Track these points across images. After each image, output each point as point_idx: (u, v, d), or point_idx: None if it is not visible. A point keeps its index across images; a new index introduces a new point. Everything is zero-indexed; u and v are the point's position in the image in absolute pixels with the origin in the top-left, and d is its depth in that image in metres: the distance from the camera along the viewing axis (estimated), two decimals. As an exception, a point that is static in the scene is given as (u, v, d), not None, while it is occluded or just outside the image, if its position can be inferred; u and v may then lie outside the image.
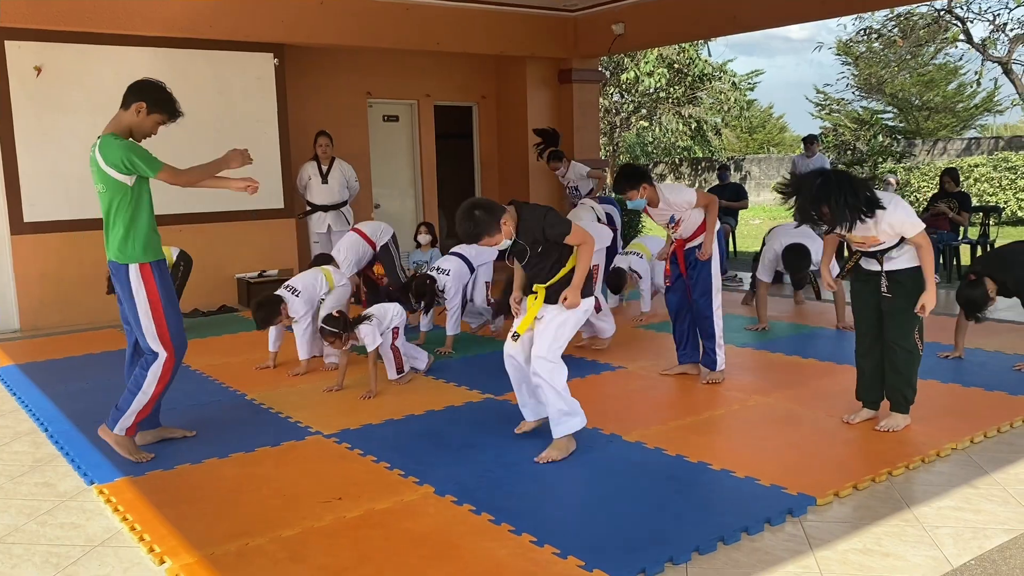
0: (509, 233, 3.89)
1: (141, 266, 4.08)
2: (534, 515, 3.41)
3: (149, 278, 4.09)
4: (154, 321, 4.09)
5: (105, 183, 4.03)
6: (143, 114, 4.09)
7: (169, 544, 3.23)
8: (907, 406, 4.31)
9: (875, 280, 4.25)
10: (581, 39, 10.43)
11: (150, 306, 4.09)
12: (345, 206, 8.70)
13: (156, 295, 4.10)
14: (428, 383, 5.48)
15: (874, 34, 21.67)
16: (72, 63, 7.74)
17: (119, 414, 4.15)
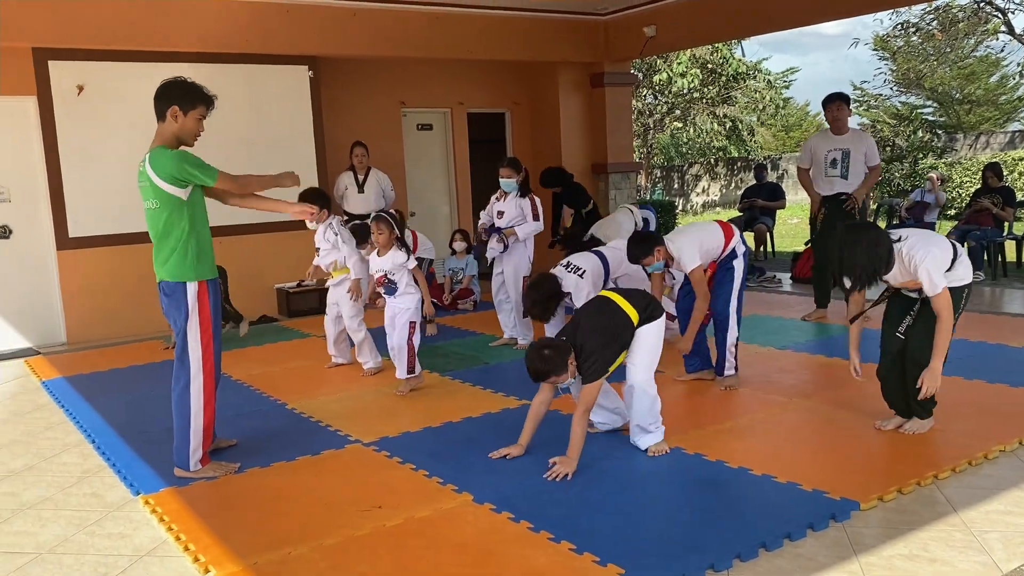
0: (574, 372, 3.95)
1: (199, 284, 4.01)
2: (573, 522, 3.40)
3: (204, 298, 4.03)
4: (201, 344, 4.03)
5: (158, 198, 3.92)
6: (181, 117, 3.97)
7: (213, 553, 3.28)
8: (928, 412, 4.23)
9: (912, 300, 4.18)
10: (612, 42, 10.40)
11: (200, 328, 4.03)
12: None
13: (208, 317, 4.04)
14: (465, 390, 5.50)
15: (912, 28, 21.30)
16: (112, 81, 7.90)
17: (184, 451, 4.09)
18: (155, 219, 3.98)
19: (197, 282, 4.01)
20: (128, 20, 7.58)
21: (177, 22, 7.79)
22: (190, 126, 4.02)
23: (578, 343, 3.93)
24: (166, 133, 4.00)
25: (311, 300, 8.78)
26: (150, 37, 7.72)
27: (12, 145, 7.72)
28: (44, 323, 7.95)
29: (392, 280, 5.32)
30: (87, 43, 7.54)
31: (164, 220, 3.96)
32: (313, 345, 7.23)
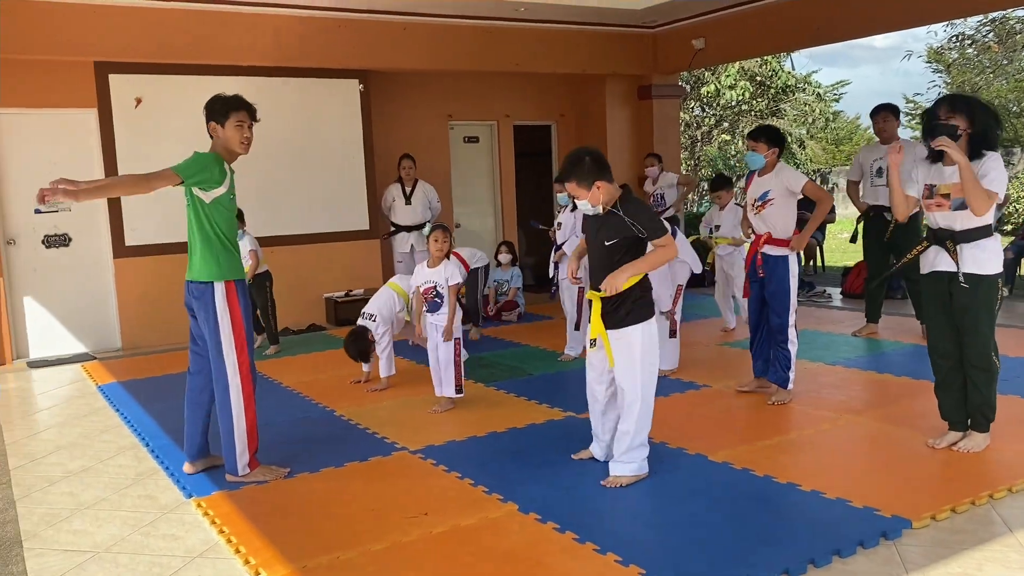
0: (596, 200, 3.79)
1: (227, 284, 4.06)
2: (619, 535, 3.40)
3: (234, 299, 4.08)
4: (236, 346, 4.07)
5: (188, 197, 4.09)
6: (220, 129, 4.13)
7: (264, 556, 3.34)
8: (987, 424, 4.14)
9: (949, 287, 4.07)
10: (661, 55, 10.39)
11: (233, 330, 4.06)
12: (426, 227, 8.83)
13: (240, 317, 4.08)
14: (510, 400, 5.52)
15: (967, 40, 20.90)
16: (169, 94, 8.11)
17: (231, 456, 4.15)
18: (190, 218, 4.13)
19: (224, 282, 4.06)
20: (186, 34, 7.79)
21: (233, 36, 7.97)
22: (231, 134, 4.13)
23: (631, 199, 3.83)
24: (216, 146, 4.17)
25: (358, 309, 8.82)
26: (207, 51, 7.91)
27: (73, 155, 7.96)
28: (100, 329, 8.17)
29: (440, 294, 5.29)
30: (146, 57, 7.76)
31: (192, 219, 4.10)
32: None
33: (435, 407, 5.39)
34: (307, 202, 8.83)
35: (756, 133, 5.12)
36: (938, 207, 4.05)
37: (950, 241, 4.03)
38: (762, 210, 5.08)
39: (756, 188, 5.14)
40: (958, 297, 4.04)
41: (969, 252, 4.00)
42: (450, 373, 5.30)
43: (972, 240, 3.99)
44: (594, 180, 3.77)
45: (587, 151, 3.84)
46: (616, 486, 3.91)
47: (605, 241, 3.84)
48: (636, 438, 3.92)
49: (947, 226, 4.05)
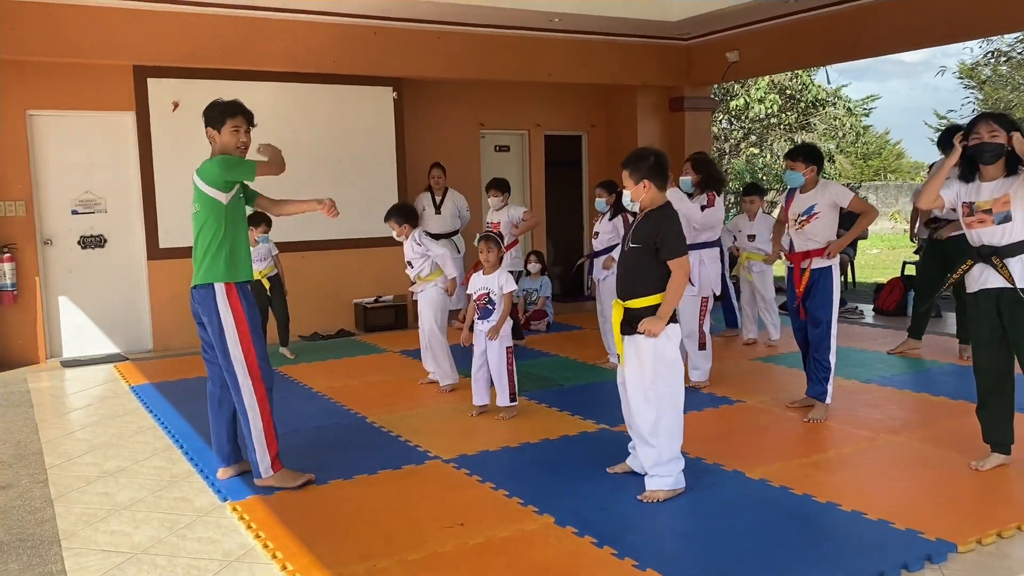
0: (638, 195, 3.88)
1: (227, 286, 4.04)
2: (657, 551, 3.36)
3: (236, 300, 4.05)
4: (242, 348, 4.04)
5: (200, 202, 4.07)
6: (216, 135, 4.18)
7: (301, 563, 3.34)
8: None
9: (999, 304, 4.00)
10: (694, 67, 10.35)
11: (238, 332, 4.03)
12: (456, 235, 8.84)
13: (244, 319, 4.05)
14: (542, 411, 5.50)
15: (1002, 57, 20.69)
16: (206, 98, 8.08)
17: (255, 461, 4.15)
18: (196, 223, 4.12)
19: (225, 283, 4.04)
20: (223, 40, 7.86)
21: (269, 42, 8.04)
22: (228, 141, 4.18)
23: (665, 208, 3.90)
24: (214, 152, 4.23)
25: (388, 316, 8.90)
26: (243, 56, 7.98)
27: (111, 158, 8.05)
28: (133, 330, 8.24)
29: (493, 300, 5.31)
30: (184, 61, 7.84)
31: (202, 223, 4.09)
32: (391, 360, 7.33)
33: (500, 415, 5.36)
34: (339, 207, 8.82)
35: (794, 152, 5.14)
36: (980, 223, 4.01)
37: (995, 257, 3.98)
38: (806, 224, 5.06)
39: (799, 204, 5.11)
40: (1009, 313, 3.98)
41: (1017, 266, 3.94)
42: (504, 383, 5.30)
43: (1017, 254, 3.94)
44: (643, 177, 3.86)
45: (655, 151, 3.93)
46: (653, 501, 3.87)
47: (631, 243, 3.92)
48: (664, 452, 3.89)
49: (990, 242, 4.00)
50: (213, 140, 4.21)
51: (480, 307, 5.36)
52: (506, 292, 5.30)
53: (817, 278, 5.06)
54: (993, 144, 3.92)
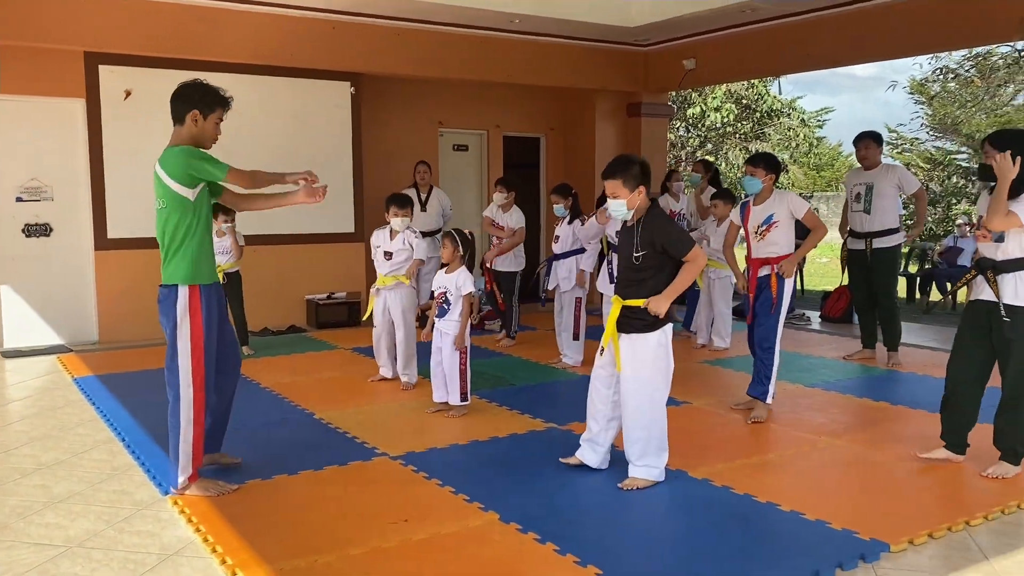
0: (632, 204, 3.96)
1: (191, 288, 3.84)
2: (599, 548, 3.39)
3: (197, 304, 3.85)
4: (192, 354, 3.84)
5: (165, 198, 3.83)
6: (200, 120, 3.89)
7: (241, 557, 3.30)
8: (1018, 459, 4.19)
9: (989, 317, 4.14)
10: (651, 73, 10.46)
11: (192, 337, 3.84)
12: (439, 233, 8.80)
13: (200, 325, 3.85)
14: (492, 409, 5.51)
15: (950, 73, 21.24)
16: (159, 87, 7.98)
17: (175, 469, 3.92)
18: (161, 220, 3.89)
19: (188, 286, 3.83)
20: (179, 28, 7.75)
21: (227, 33, 7.94)
22: (209, 130, 3.94)
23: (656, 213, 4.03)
24: (183, 135, 3.92)
25: (340, 312, 8.84)
26: (199, 46, 7.87)
27: (58, 145, 7.87)
28: (77, 321, 8.06)
29: (450, 300, 5.29)
30: (137, 50, 7.71)
31: (165, 219, 3.86)
32: (342, 357, 7.28)
33: (429, 410, 5.43)
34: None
35: (756, 159, 5.24)
36: (983, 238, 4.16)
37: (991, 271, 4.10)
38: (767, 234, 5.16)
39: (757, 215, 5.21)
40: (998, 328, 4.11)
41: (1009, 283, 4.06)
42: (455, 382, 5.30)
43: (1012, 271, 4.06)
44: (638, 184, 3.95)
45: (637, 158, 4.05)
46: (632, 488, 4.00)
47: (635, 253, 3.98)
48: (651, 444, 4.02)
49: (989, 256, 4.14)
50: (193, 122, 3.88)
51: (438, 305, 5.36)
52: (464, 293, 5.29)
53: (770, 281, 5.14)
54: (985, 166, 4.11)
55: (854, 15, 8.19)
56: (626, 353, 4.00)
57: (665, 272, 3.97)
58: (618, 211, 4.00)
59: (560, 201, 6.79)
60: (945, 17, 7.58)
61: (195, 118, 3.90)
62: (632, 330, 3.98)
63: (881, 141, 6.89)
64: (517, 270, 7.77)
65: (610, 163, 4.03)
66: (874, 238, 6.68)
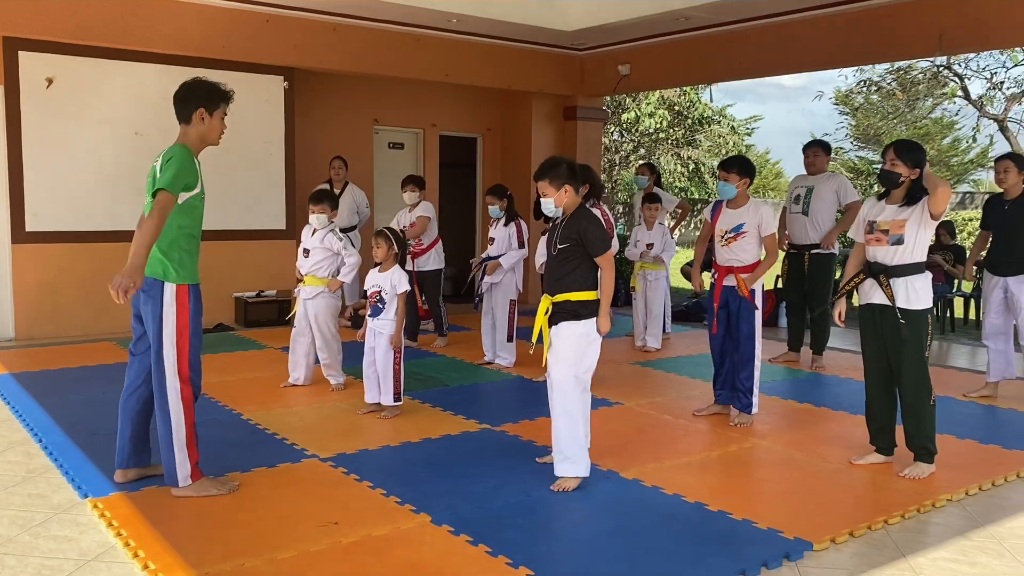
0: (560, 201, 4.05)
1: (178, 287, 3.82)
2: (531, 549, 3.40)
3: (184, 302, 3.83)
4: (177, 349, 3.81)
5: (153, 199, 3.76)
6: (207, 118, 3.92)
7: (164, 561, 3.21)
8: (931, 457, 4.34)
9: (881, 320, 4.27)
10: (587, 78, 10.56)
11: (177, 333, 3.81)
12: (353, 231, 8.70)
13: (187, 322, 3.83)
14: (425, 410, 5.48)
15: (873, 86, 21.96)
16: (84, 76, 7.80)
17: (172, 468, 3.86)
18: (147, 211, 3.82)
19: (176, 285, 3.81)
20: (106, 16, 7.50)
21: (156, 23, 7.72)
22: (215, 126, 3.97)
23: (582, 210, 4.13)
24: (191, 134, 3.93)
25: (270, 311, 8.68)
26: (127, 35, 7.64)
27: (-26, 133, 7.55)
28: (-8, 317, 7.75)
29: (384, 299, 5.24)
30: (62, 36, 7.44)
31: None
32: (270, 357, 7.15)
33: (361, 411, 5.37)
34: (222, 198, 8.55)
35: (728, 164, 5.15)
36: (877, 242, 4.28)
37: (883, 275, 4.22)
38: (733, 242, 5.14)
39: (729, 220, 5.18)
40: (890, 331, 4.25)
41: (901, 287, 4.20)
42: (389, 382, 5.24)
43: (903, 275, 4.20)
44: (564, 183, 4.05)
45: (566, 159, 4.15)
46: (563, 489, 4.04)
47: (558, 245, 4.08)
48: (576, 437, 4.05)
49: (881, 261, 4.25)
50: (200, 120, 3.89)
51: (371, 304, 5.29)
52: (399, 292, 5.24)
53: (742, 302, 5.14)
54: (888, 172, 4.20)
55: (783, 27, 8.40)
56: (554, 345, 4.07)
57: (588, 262, 4.06)
58: (548, 208, 4.11)
59: (495, 202, 6.80)
60: (870, 32, 7.83)
61: (201, 116, 3.92)
62: (559, 320, 4.07)
63: (829, 150, 7.09)
64: (439, 267, 7.76)
65: (540, 165, 4.13)
66: (812, 248, 6.88)
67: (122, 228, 7.85)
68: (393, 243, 5.30)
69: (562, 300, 4.04)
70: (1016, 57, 19.05)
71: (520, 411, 5.44)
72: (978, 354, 8.01)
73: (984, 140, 22.76)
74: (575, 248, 4.03)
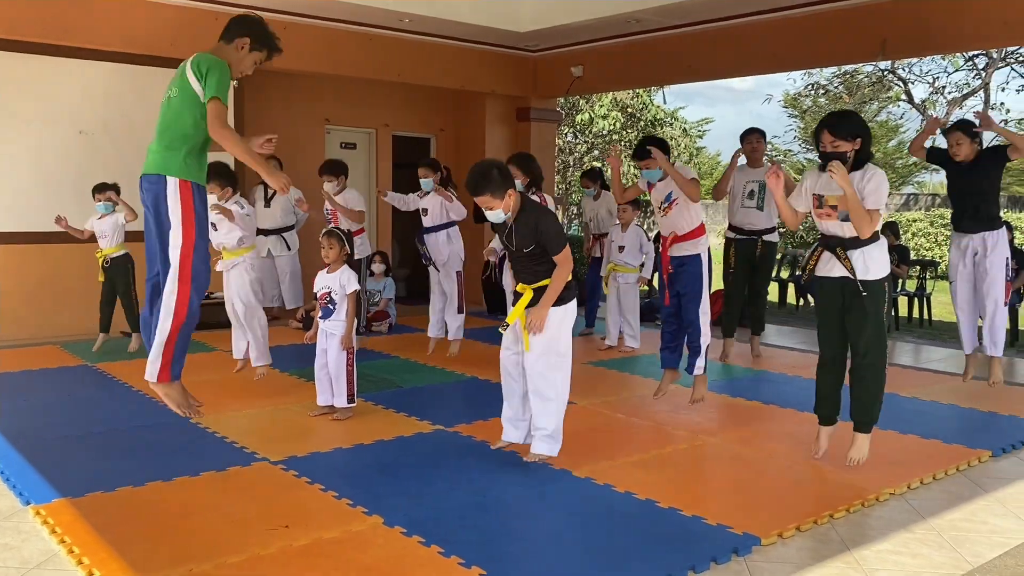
0: (508, 207, 4.06)
1: (182, 182, 3.82)
2: (484, 549, 3.40)
3: (188, 196, 3.84)
4: (183, 236, 3.83)
5: (180, 87, 3.85)
6: (245, 50, 4.00)
7: (109, 568, 3.15)
8: (870, 426, 4.41)
9: (842, 291, 4.31)
10: (540, 79, 10.60)
11: (183, 227, 3.83)
12: (289, 232, 8.62)
13: (192, 213, 3.84)
14: (378, 412, 5.45)
15: (821, 89, 22.42)
16: (27, 73, 7.61)
17: (150, 358, 3.98)
18: (168, 109, 3.90)
19: (179, 179, 3.82)
20: (47, 12, 7.32)
21: (101, 20, 7.56)
22: (246, 63, 4.07)
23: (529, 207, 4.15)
24: (221, 52, 3.98)
25: (219, 312, 8.50)
26: (70, 32, 7.47)
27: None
28: (-71, 320, 7.51)
29: (334, 300, 5.19)
30: (4, 33, 7.24)
31: (177, 112, 3.86)
32: (219, 359, 7.05)
33: (312, 413, 5.33)
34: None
35: (644, 152, 5.25)
36: (827, 216, 4.32)
37: (840, 248, 4.28)
38: (669, 211, 5.33)
39: (660, 190, 5.38)
40: (849, 301, 4.30)
41: (859, 259, 4.25)
42: (342, 384, 5.20)
43: (860, 247, 4.25)
44: (504, 189, 4.05)
45: (493, 163, 4.11)
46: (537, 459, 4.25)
47: (524, 249, 4.15)
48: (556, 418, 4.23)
49: (837, 233, 4.30)
50: (240, 48, 4.00)
51: (322, 306, 5.25)
52: (348, 292, 5.21)
53: (687, 265, 5.30)
54: (833, 155, 4.16)
55: (733, 30, 8.53)
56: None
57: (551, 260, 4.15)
58: (498, 218, 4.13)
59: (430, 175, 6.86)
60: (817, 36, 7.99)
61: (243, 44, 4.02)
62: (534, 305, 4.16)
63: (766, 137, 7.19)
64: (362, 257, 7.71)
65: (470, 181, 4.06)
66: (764, 235, 7.03)
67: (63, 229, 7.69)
68: (344, 243, 5.27)
69: (542, 287, 4.16)
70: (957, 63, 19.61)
71: (473, 412, 5.44)
72: (923, 352, 8.23)
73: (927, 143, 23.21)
74: (540, 247, 4.12)
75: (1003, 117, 20.44)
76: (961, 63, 19.55)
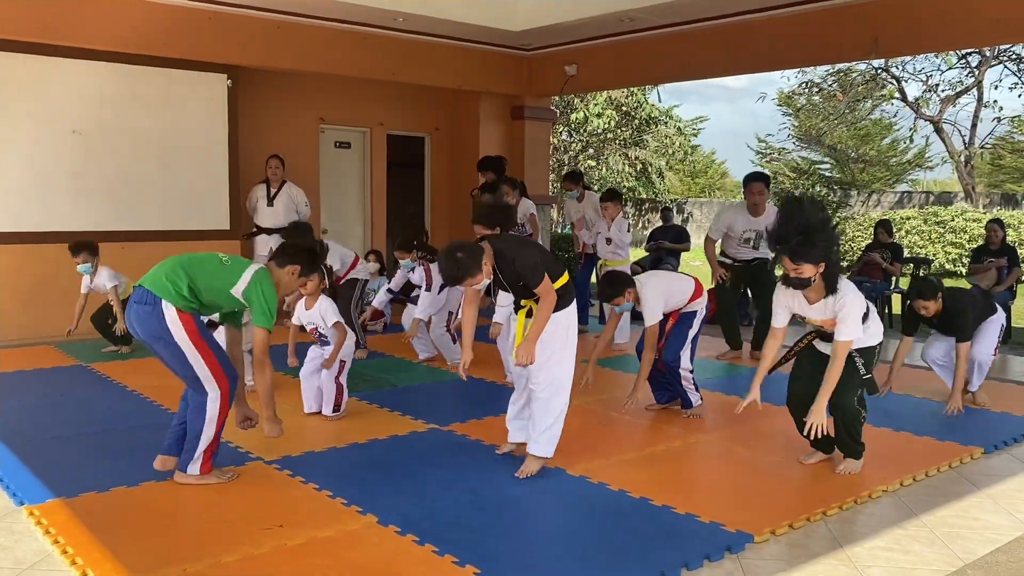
0: (489, 272, 4.03)
1: (178, 310, 3.81)
2: (477, 547, 3.41)
3: (187, 319, 3.83)
4: (204, 360, 3.87)
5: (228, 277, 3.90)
6: (295, 276, 4.11)
7: (103, 569, 3.15)
8: (860, 456, 4.43)
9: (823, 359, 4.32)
10: (535, 78, 10.60)
11: (194, 345, 3.84)
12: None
13: (196, 331, 3.85)
14: (373, 411, 5.46)
15: (815, 88, 22.45)
16: (21, 73, 7.58)
17: (189, 456, 3.98)
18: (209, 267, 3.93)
19: (176, 308, 3.81)
20: (40, 12, 7.30)
21: (96, 19, 7.54)
22: (294, 286, 4.25)
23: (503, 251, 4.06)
24: (278, 275, 4.07)
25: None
26: (63, 32, 7.45)
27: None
28: (-78, 321, 7.50)
29: (324, 334, 5.23)
30: (-2, 32, 7.24)
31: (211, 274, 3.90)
32: (215, 359, 7.03)
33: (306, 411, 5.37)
34: (165, 197, 8.44)
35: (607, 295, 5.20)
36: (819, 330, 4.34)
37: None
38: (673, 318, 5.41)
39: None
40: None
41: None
42: (331, 392, 5.24)
43: None
44: (479, 265, 3.94)
45: (457, 248, 3.96)
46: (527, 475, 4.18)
47: (515, 284, 4.14)
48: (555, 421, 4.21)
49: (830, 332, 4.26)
50: (291, 274, 4.09)
51: (317, 338, 5.30)
52: (331, 324, 5.18)
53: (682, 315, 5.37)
54: (797, 280, 4.03)
55: (727, 29, 8.54)
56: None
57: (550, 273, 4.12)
58: (485, 284, 4.09)
59: (406, 256, 6.67)
60: (810, 35, 8.01)
61: (293, 271, 4.12)
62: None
63: (769, 183, 7.30)
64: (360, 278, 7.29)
65: (446, 276, 3.99)
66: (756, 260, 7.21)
67: (58, 229, 7.69)
68: (323, 276, 5.20)
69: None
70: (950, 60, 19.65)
71: (468, 411, 5.45)
72: (915, 349, 8.24)
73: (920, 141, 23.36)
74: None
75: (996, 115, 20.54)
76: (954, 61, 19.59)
